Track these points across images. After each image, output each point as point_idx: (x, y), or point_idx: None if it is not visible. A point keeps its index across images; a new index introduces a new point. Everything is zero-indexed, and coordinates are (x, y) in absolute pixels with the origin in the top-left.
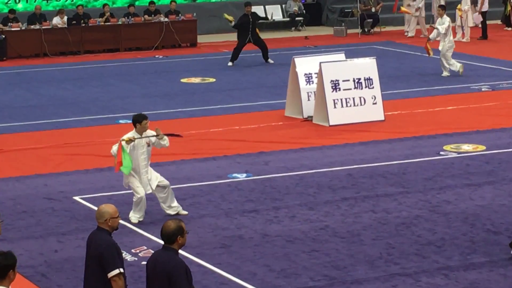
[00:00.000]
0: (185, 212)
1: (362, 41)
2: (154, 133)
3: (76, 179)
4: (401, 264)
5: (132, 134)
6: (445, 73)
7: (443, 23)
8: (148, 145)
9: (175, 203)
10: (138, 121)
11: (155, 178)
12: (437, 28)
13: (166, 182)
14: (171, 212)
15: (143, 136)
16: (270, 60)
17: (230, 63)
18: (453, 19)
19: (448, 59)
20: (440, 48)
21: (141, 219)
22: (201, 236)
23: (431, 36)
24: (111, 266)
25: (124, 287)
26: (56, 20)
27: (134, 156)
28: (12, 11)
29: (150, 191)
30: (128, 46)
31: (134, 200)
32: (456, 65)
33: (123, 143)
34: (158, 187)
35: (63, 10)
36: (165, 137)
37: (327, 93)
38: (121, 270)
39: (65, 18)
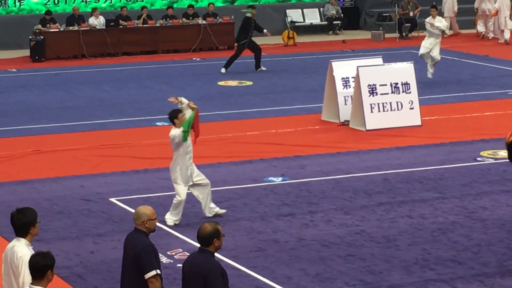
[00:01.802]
0: (223, 211)
1: (399, 46)
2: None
3: (113, 180)
4: (436, 270)
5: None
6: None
7: (440, 21)
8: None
9: (212, 204)
10: (175, 116)
11: (197, 174)
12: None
13: (207, 180)
14: (209, 214)
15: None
16: (263, 68)
17: (223, 70)
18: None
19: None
20: (435, 53)
21: (177, 222)
22: (236, 239)
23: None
24: (148, 267)
25: None
26: (92, 20)
27: (181, 152)
28: (48, 12)
29: (191, 183)
30: (166, 48)
31: (174, 201)
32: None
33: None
34: (199, 185)
35: (97, 8)
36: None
37: (364, 98)
38: (158, 271)
39: (101, 18)
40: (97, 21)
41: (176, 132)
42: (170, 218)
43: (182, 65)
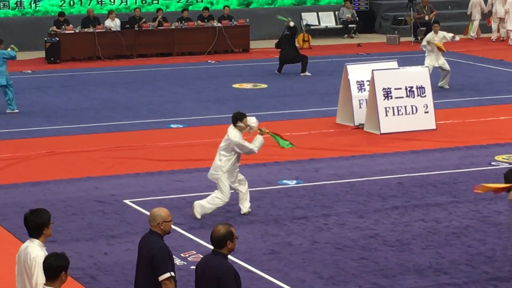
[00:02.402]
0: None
1: (414, 49)
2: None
3: (127, 182)
4: (450, 274)
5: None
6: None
7: (443, 36)
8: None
9: (248, 203)
10: (240, 118)
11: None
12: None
13: (243, 177)
14: (244, 210)
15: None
16: (308, 73)
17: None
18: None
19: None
20: (442, 62)
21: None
22: (250, 241)
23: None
24: (162, 270)
25: None
26: (108, 23)
27: (238, 156)
28: (61, 13)
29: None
30: (181, 51)
31: (216, 202)
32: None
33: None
34: (240, 181)
35: (113, 11)
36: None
37: (379, 101)
38: (172, 273)
39: (116, 20)
40: (113, 23)
41: (238, 136)
42: (201, 206)
43: (197, 68)
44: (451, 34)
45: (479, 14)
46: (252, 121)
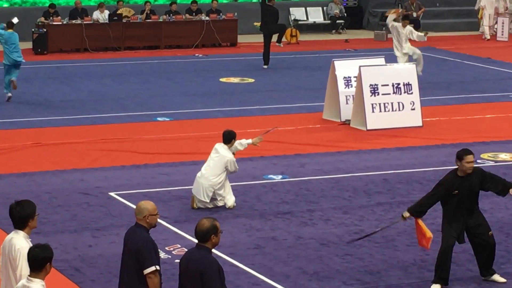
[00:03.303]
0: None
1: None
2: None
3: (113, 175)
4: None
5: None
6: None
7: (410, 31)
8: None
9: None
10: (234, 137)
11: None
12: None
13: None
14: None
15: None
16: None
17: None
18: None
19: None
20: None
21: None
22: (235, 236)
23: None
24: (148, 263)
25: (160, 285)
26: (96, 15)
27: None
28: (52, 5)
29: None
30: (169, 44)
31: (218, 202)
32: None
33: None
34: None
35: (103, 4)
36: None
37: (366, 97)
38: (157, 267)
39: (106, 12)
40: (102, 16)
41: (231, 156)
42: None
43: (185, 61)
44: (418, 33)
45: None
46: (243, 143)
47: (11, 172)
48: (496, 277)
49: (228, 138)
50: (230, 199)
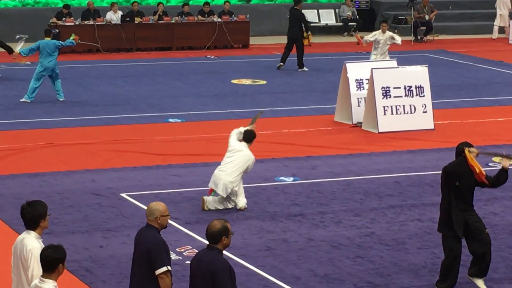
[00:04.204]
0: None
1: (414, 49)
2: None
3: (124, 175)
4: None
5: None
6: None
7: (390, 36)
8: None
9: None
10: (254, 137)
11: None
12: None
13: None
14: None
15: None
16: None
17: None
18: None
19: None
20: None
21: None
22: (246, 237)
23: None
24: (159, 264)
25: (171, 285)
26: (109, 15)
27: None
28: (66, 6)
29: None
30: (181, 45)
31: (228, 203)
32: None
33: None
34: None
35: (116, 3)
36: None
37: (378, 100)
38: (169, 267)
39: (119, 13)
40: (115, 16)
41: (251, 156)
42: (215, 202)
43: (197, 63)
44: (399, 37)
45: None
46: (241, 130)
47: (23, 173)
48: (480, 283)
49: (250, 137)
50: (241, 200)
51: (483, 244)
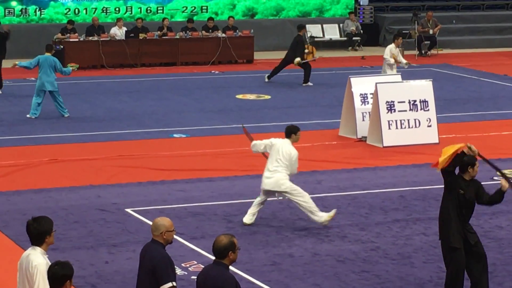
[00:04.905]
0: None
1: (418, 63)
2: None
3: (129, 191)
4: None
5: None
6: None
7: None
8: None
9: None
10: (294, 132)
11: None
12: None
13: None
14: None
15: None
16: (310, 83)
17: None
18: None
19: None
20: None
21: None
22: (251, 252)
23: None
24: (165, 279)
25: None
26: (114, 30)
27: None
28: (71, 22)
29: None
30: (185, 61)
31: (310, 207)
32: None
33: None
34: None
35: (121, 19)
36: None
37: (382, 114)
38: (174, 283)
39: (123, 28)
40: (120, 31)
41: (295, 150)
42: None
43: (201, 78)
44: (404, 60)
45: None
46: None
47: (28, 188)
48: None
49: (287, 131)
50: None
51: (481, 256)
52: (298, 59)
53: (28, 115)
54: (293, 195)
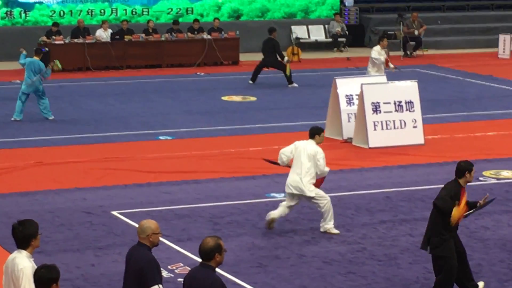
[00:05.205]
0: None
1: (404, 64)
2: None
3: (115, 193)
4: None
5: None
6: None
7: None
8: None
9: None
10: (318, 133)
11: None
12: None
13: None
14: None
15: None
16: (295, 84)
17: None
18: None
19: None
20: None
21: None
22: (238, 254)
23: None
24: (151, 282)
25: None
26: (99, 33)
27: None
28: (55, 24)
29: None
30: (171, 63)
31: (325, 207)
32: None
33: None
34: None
35: (106, 21)
36: None
37: (368, 115)
38: (160, 286)
39: (109, 31)
40: (105, 34)
41: (319, 149)
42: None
43: (187, 80)
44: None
45: None
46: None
47: (14, 191)
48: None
49: (311, 133)
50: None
51: (464, 254)
52: (286, 58)
53: (13, 118)
54: (318, 200)
